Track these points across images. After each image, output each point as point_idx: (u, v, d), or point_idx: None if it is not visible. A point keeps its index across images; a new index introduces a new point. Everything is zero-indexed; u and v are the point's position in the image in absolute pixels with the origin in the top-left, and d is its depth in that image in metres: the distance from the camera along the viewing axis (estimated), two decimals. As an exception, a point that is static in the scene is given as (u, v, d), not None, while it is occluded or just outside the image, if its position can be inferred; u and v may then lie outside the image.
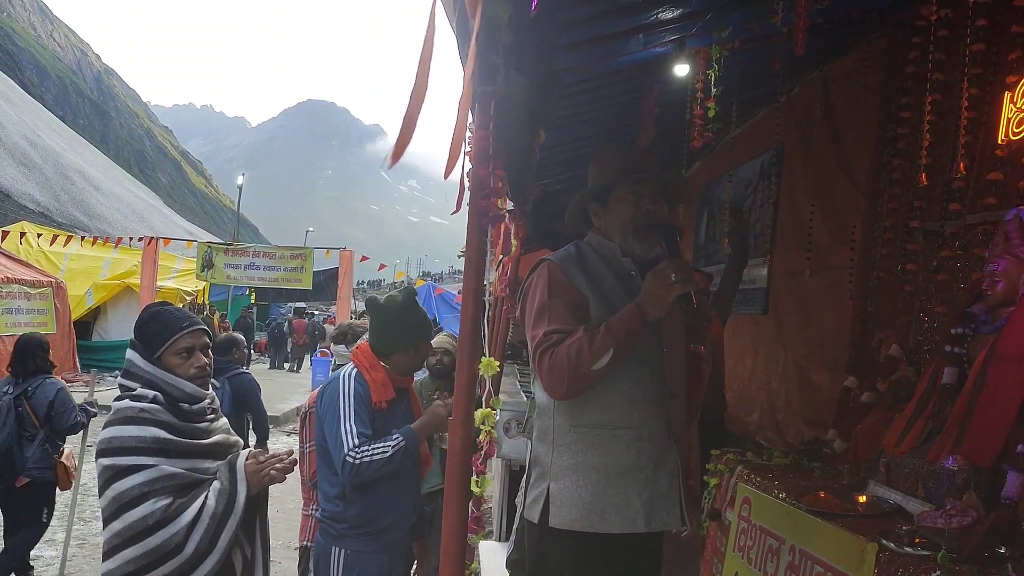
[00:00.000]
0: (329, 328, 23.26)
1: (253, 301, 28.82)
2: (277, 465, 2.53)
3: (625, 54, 3.86)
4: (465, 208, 2.09)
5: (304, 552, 4.19)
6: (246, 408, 6.16)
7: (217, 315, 22.93)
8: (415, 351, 3.30)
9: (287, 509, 8.19)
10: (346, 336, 7.79)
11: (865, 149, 4.57)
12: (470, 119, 2.02)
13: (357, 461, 2.96)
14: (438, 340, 4.63)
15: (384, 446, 3.02)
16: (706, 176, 7.49)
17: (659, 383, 2.38)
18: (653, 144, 5.39)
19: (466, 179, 1.90)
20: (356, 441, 2.98)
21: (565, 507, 2.27)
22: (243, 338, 6.87)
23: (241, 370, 6.35)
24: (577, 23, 3.35)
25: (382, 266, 19.67)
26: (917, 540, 2.46)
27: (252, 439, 6.44)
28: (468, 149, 1.88)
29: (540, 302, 2.30)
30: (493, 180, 1.71)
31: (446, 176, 1.35)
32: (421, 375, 4.83)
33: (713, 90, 3.88)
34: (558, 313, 2.25)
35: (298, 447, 4.22)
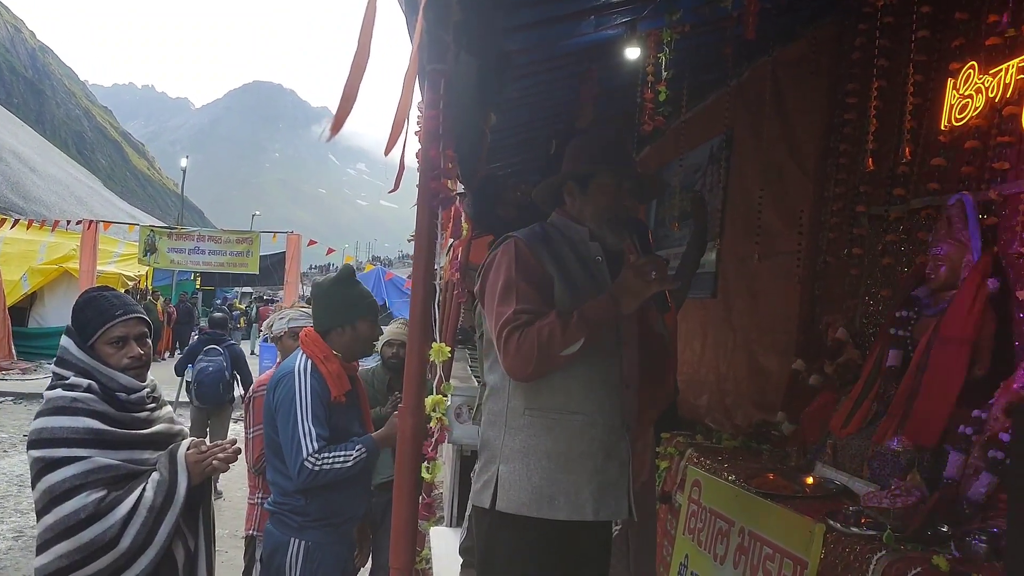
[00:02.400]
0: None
1: (198, 286, 28.27)
2: (220, 455, 2.45)
3: (576, 36, 3.83)
4: (415, 193, 2.04)
5: (250, 541, 4.11)
6: (237, 369, 8.35)
7: (161, 300, 22.44)
8: (352, 329, 3.14)
9: (234, 498, 8.05)
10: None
11: (813, 134, 4.61)
12: (418, 98, 1.97)
13: (316, 468, 2.87)
14: (392, 330, 4.49)
15: (345, 455, 2.93)
16: (656, 161, 7.51)
17: (615, 371, 2.38)
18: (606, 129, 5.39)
19: (412, 159, 1.85)
20: (315, 445, 2.88)
21: (514, 491, 2.25)
22: (230, 317, 9.61)
23: (232, 341, 8.73)
24: (528, 3, 3.31)
25: (330, 250, 19.41)
26: (863, 520, 2.50)
27: (238, 391, 8.48)
28: (417, 128, 1.83)
29: (507, 279, 2.25)
30: (444, 160, 1.66)
31: (386, 153, 1.29)
32: (372, 363, 4.76)
33: (664, 73, 3.86)
34: (525, 292, 2.22)
35: (243, 433, 4.13)
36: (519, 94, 4.53)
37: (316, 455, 2.88)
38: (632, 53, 3.97)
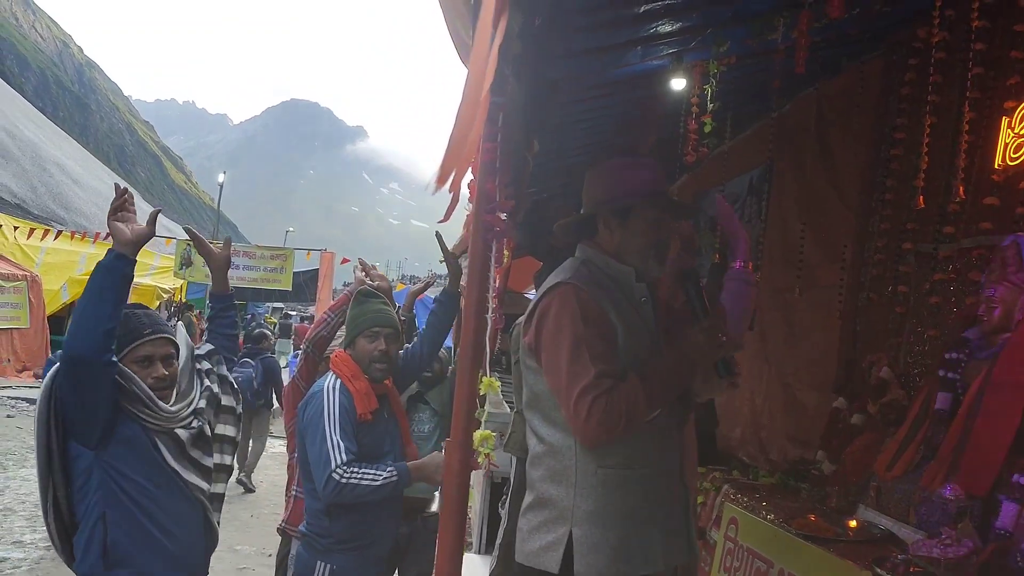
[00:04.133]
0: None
1: (231, 301, 28.46)
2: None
3: (622, 66, 3.82)
4: (455, 213, 2.02)
5: (282, 533, 4.03)
6: (271, 382, 9.29)
7: (195, 312, 22.68)
8: (353, 347, 3.17)
9: (262, 515, 8.06)
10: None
11: (857, 168, 4.56)
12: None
13: (344, 480, 2.85)
14: None
15: (375, 474, 2.91)
16: (694, 189, 7.47)
17: (673, 418, 2.28)
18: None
19: (465, 189, 1.84)
20: (344, 457, 2.87)
21: (592, 555, 2.12)
22: (269, 332, 10.37)
23: (268, 354, 9.59)
24: (576, 33, 3.30)
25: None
26: (912, 569, 2.44)
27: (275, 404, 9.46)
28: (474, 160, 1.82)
29: (575, 334, 2.09)
30: (499, 194, 1.65)
31: (450, 189, 1.26)
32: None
33: (709, 105, 3.84)
34: (599, 350, 2.09)
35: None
36: (562, 121, 4.52)
37: (344, 467, 2.86)
38: (678, 84, 3.96)
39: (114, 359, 2.40)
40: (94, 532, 2.44)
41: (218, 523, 2.81)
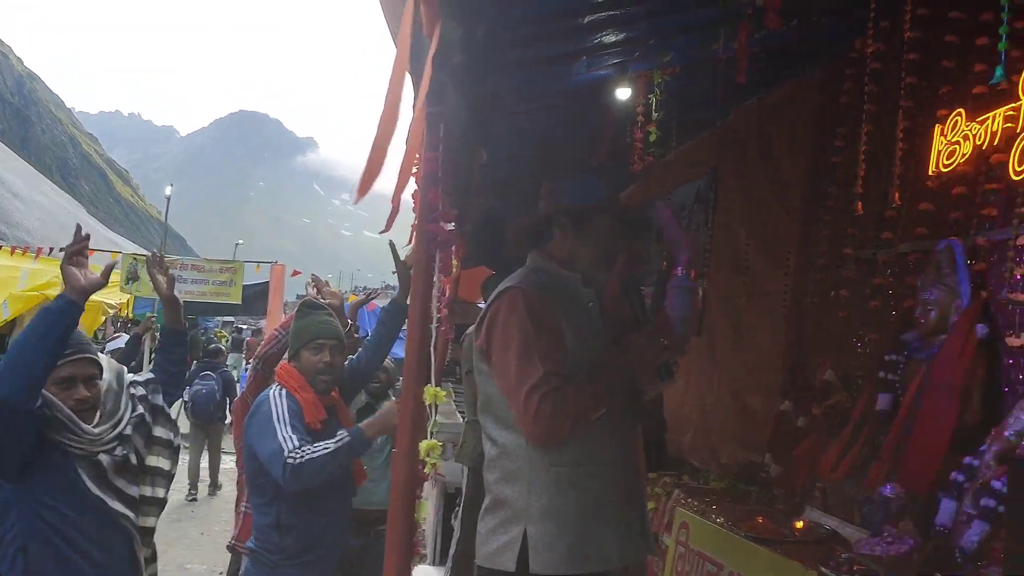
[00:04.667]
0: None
1: (179, 314, 27.91)
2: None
3: (568, 76, 3.85)
4: (401, 225, 2.02)
5: (232, 550, 3.99)
6: (230, 396, 9.89)
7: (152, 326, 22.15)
8: (297, 360, 3.17)
9: (212, 532, 7.92)
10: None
11: (799, 177, 4.66)
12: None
13: (299, 460, 2.81)
14: None
15: (327, 443, 2.90)
16: (641, 198, 7.55)
17: (623, 415, 2.34)
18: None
19: (409, 200, 1.84)
20: (296, 443, 2.85)
21: (547, 552, 2.15)
22: (222, 347, 11.58)
23: (224, 368, 10.57)
24: (520, 44, 3.33)
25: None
26: (856, 567, 2.49)
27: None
28: (415, 170, 1.82)
29: (525, 336, 2.14)
30: (443, 203, 1.65)
31: (394, 201, 1.27)
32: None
33: (654, 114, 3.89)
34: (547, 351, 2.14)
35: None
36: (508, 131, 4.54)
37: (296, 449, 2.84)
38: (623, 94, 4.00)
39: (39, 405, 2.33)
40: (14, 564, 2.37)
41: (148, 557, 2.75)
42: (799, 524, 3.10)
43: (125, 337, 10.92)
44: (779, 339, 4.67)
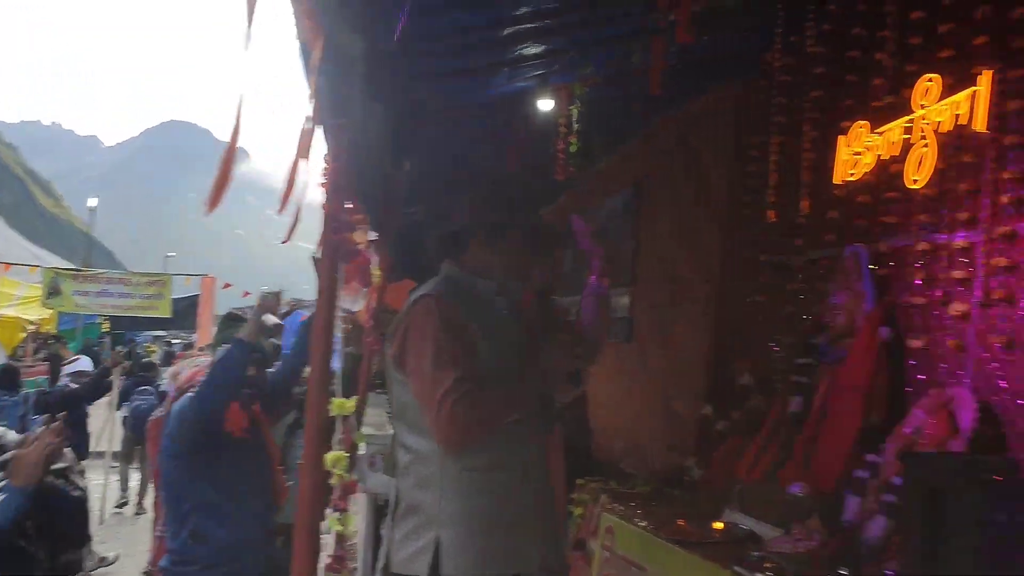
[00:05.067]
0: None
1: (106, 329, 27.15)
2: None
3: (491, 87, 3.89)
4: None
5: None
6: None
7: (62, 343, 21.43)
8: None
9: (134, 553, 7.69)
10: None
11: (721, 186, 4.77)
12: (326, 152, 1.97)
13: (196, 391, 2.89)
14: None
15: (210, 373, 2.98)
16: (573, 209, 7.63)
17: (538, 424, 2.37)
18: (519, 176, 5.45)
19: (303, 210, 1.84)
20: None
21: (460, 556, 2.17)
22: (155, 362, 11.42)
23: (159, 381, 9.81)
24: (441, 55, 3.35)
25: (246, 293, 18.94)
26: (767, 565, 2.55)
27: None
28: (323, 181, 1.82)
29: (437, 343, 2.16)
30: (347, 214, 1.65)
31: (280, 212, 1.28)
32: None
33: (575, 125, 3.96)
34: (458, 356, 2.15)
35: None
36: (435, 141, 4.56)
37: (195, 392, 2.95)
38: (545, 105, 4.06)
39: None
40: None
41: None
42: (718, 525, 3.17)
43: (85, 360, 10.65)
44: (703, 345, 4.77)
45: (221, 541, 2.92)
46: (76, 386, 9.07)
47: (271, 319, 3.07)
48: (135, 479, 9.96)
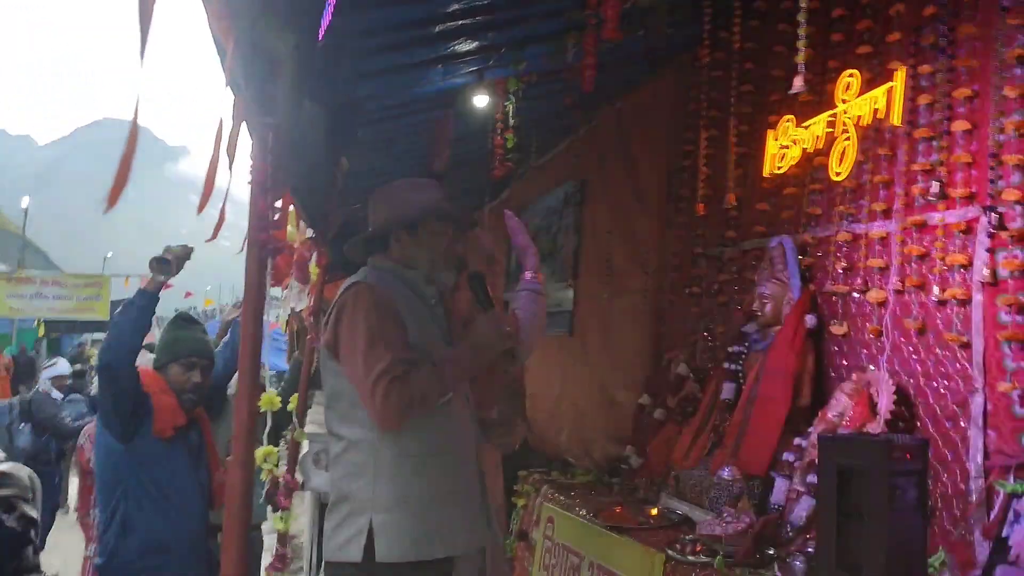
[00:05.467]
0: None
1: (42, 334, 26.39)
2: None
3: (426, 84, 3.90)
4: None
5: None
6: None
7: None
8: (165, 372, 3.15)
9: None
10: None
11: (656, 179, 4.86)
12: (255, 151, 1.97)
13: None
14: None
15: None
16: (517, 203, 7.69)
17: (467, 409, 2.47)
18: (460, 172, 5.48)
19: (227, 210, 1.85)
20: None
21: (394, 539, 2.23)
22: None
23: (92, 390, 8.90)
24: (374, 52, 3.35)
25: (188, 294, 18.65)
26: (699, 548, 2.63)
27: None
28: (249, 179, 1.83)
29: (371, 326, 2.22)
30: (272, 212, 1.67)
31: (199, 211, 1.29)
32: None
33: (511, 120, 3.99)
34: (393, 339, 2.23)
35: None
36: (375, 138, 4.55)
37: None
38: (481, 101, 4.09)
39: None
40: None
41: None
42: (653, 511, 3.26)
43: (63, 363, 10.25)
44: (642, 336, 4.86)
45: (148, 531, 2.90)
46: (58, 392, 8.70)
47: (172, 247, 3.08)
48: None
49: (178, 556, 3.00)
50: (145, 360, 3.66)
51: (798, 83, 2.67)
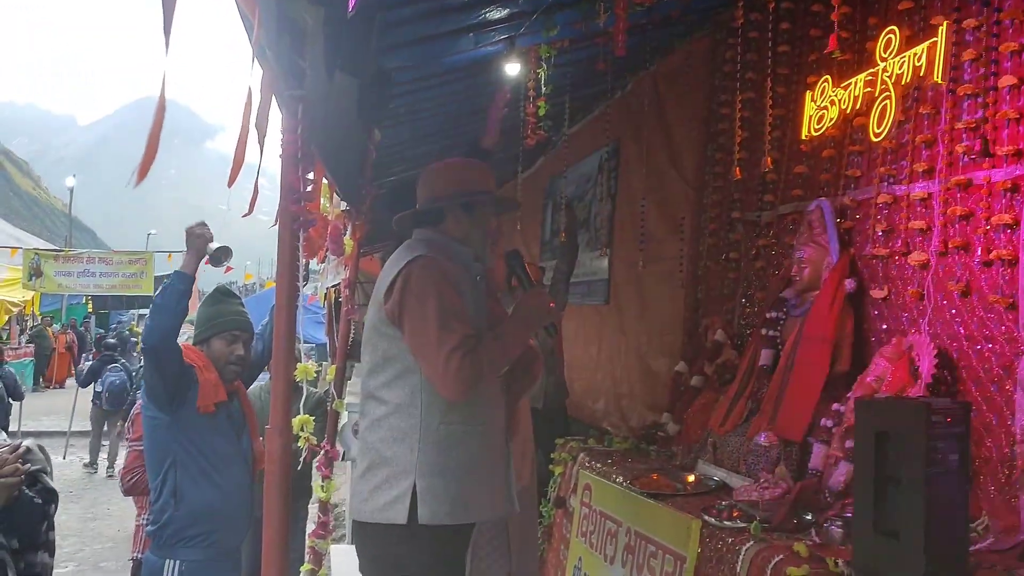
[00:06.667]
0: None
1: (91, 310, 27.04)
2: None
3: (457, 53, 3.87)
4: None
5: (136, 566, 4.00)
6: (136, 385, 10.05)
7: (54, 327, 21.49)
8: (207, 347, 3.21)
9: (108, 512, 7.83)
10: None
11: (692, 144, 4.80)
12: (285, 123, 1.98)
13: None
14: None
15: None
16: (549, 172, 7.65)
17: (501, 381, 2.56)
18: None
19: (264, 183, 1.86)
20: None
21: (436, 503, 2.33)
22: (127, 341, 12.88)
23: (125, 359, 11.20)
24: (404, 22, 3.33)
25: (229, 268, 18.87)
26: (735, 513, 2.63)
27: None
28: (280, 152, 1.84)
29: (440, 300, 2.31)
30: (303, 184, 1.68)
31: (229, 185, 1.31)
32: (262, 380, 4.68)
33: (543, 88, 3.96)
34: (460, 313, 2.34)
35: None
36: (406, 110, 4.54)
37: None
38: (513, 69, 4.05)
39: None
40: None
41: None
42: (690, 478, 3.25)
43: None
44: (678, 303, 4.83)
45: (199, 500, 2.98)
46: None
47: (212, 245, 3.12)
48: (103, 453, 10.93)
49: (225, 522, 3.08)
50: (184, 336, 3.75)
51: (844, 39, 2.60)
